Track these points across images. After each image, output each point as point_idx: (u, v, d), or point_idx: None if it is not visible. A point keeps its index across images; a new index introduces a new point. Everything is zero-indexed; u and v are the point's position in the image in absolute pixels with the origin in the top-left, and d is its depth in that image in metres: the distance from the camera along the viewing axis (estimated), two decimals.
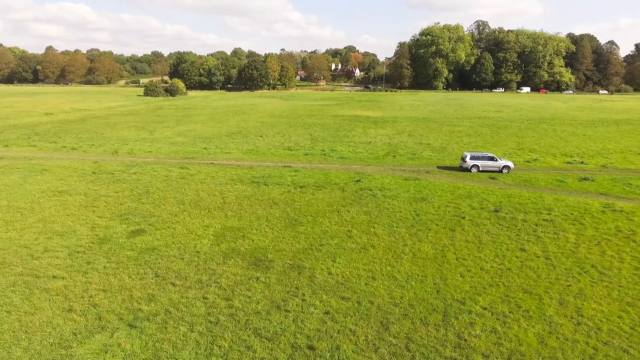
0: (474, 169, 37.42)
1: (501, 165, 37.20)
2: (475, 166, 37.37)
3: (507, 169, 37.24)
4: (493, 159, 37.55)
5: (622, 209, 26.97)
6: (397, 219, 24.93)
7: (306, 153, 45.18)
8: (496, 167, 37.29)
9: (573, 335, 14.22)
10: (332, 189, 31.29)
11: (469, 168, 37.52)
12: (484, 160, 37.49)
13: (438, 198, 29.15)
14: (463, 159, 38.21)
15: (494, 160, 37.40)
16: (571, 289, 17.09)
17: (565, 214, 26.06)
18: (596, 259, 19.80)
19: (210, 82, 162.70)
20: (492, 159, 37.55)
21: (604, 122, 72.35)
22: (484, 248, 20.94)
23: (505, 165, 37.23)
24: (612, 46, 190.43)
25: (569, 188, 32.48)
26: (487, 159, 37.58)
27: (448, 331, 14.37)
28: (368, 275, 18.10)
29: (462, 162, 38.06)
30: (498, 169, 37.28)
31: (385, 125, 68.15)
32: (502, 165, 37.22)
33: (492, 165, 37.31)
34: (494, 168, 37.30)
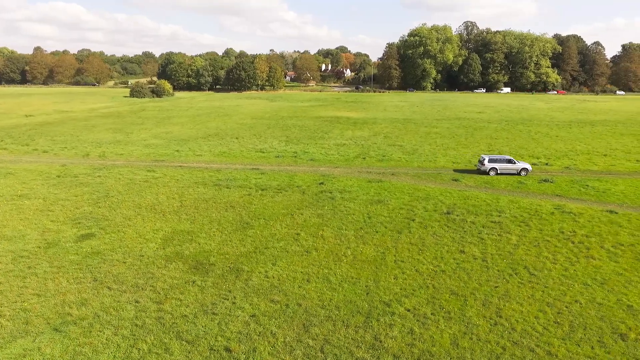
0: (492, 172, 36.90)
1: (519, 168, 36.79)
2: (493, 169, 36.85)
3: (525, 171, 36.95)
4: (511, 161, 37.12)
5: (571, 211, 27.55)
6: (348, 221, 25.33)
7: (278, 155, 45.51)
8: (514, 169, 36.80)
9: (487, 335, 14.67)
10: (293, 191, 31.64)
11: (487, 171, 36.96)
12: (502, 162, 36.98)
13: (395, 200, 29.60)
14: (481, 161, 37.81)
15: (512, 163, 37.01)
16: (498, 290, 17.57)
17: (515, 215, 26.60)
18: (531, 260, 20.31)
19: (199, 83, 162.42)
20: (510, 161, 37.13)
21: (580, 123, 73.31)
22: (426, 250, 21.38)
23: (523, 168, 36.89)
24: (597, 47, 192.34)
25: (527, 190, 33.07)
26: (505, 161, 37.06)
27: (366, 333, 14.77)
28: (303, 278, 18.48)
29: (480, 164, 37.71)
30: (516, 172, 36.85)
31: (364, 126, 68.62)
32: (521, 167, 36.83)
33: (510, 167, 36.84)
34: (512, 171, 36.84)
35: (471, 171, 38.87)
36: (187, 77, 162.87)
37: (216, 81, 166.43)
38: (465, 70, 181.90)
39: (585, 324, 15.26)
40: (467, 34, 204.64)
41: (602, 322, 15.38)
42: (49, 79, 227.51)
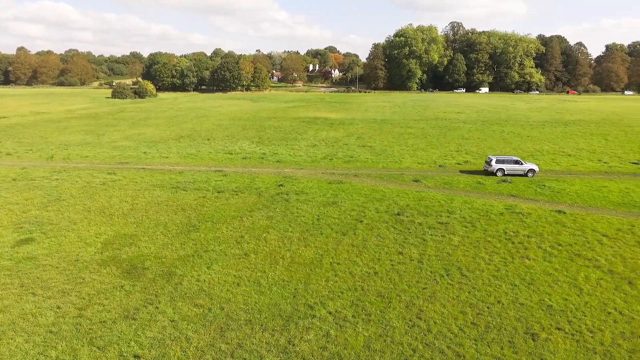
0: (499, 173, 37.02)
1: (526, 169, 36.97)
2: (500, 170, 36.97)
3: (532, 172, 37.08)
4: (518, 162, 37.23)
5: (521, 211, 27.82)
6: (296, 223, 25.33)
7: (245, 157, 45.37)
8: (521, 170, 36.98)
9: (401, 337, 14.74)
10: (250, 193, 31.57)
11: (494, 172, 37.10)
12: (510, 164, 37.12)
13: (349, 202, 29.66)
14: (488, 162, 37.90)
15: (520, 164, 37.13)
16: (425, 292, 17.67)
17: (464, 216, 26.80)
18: (466, 261, 20.47)
19: (183, 84, 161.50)
20: (518, 162, 37.24)
21: (554, 123, 74.12)
22: (365, 252, 21.45)
23: (530, 169, 37.05)
24: (580, 47, 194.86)
25: (484, 190, 33.34)
26: (512, 162, 37.21)
27: (282, 336, 14.76)
28: (234, 282, 18.43)
29: (487, 165, 37.80)
30: (523, 172, 37.00)
31: (340, 127, 68.72)
32: (528, 168, 37.00)
33: (517, 168, 37.00)
34: (519, 171, 37.00)
35: (434, 171, 39.16)
36: (171, 78, 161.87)
37: (201, 82, 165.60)
38: (450, 71, 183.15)
39: (501, 324, 15.41)
40: (453, 34, 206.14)
41: (519, 322, 15.54)
42: (33, 80, 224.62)
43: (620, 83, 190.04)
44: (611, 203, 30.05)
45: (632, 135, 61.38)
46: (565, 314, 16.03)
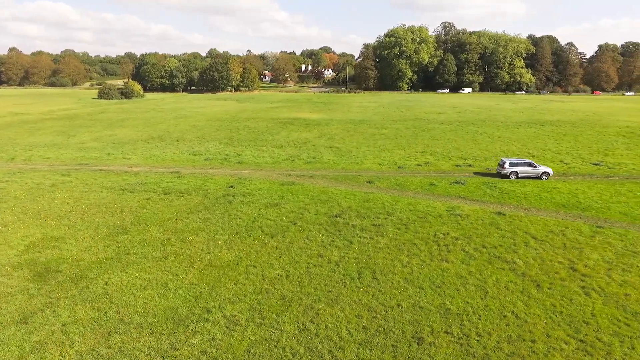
0: (513, 176, 36.69)
1: (540, 172, 36.66)
2: (514, 172, 36.65)
3: (546, 175, 36.73)
4: (532, 165, 36.94)
5: (461, 213, 27.73)
6: (229, 225, 25.26)
7: (207, 158, 45.30)
8: (535, 173, 36.65)
9: (286, 341, 14.67)
10: (197, 195, 31.50)
11: (507, 174, 36.75)
12: (523, 166, 36.82)
13: (292, 203, 29.60)
14: (501, 165, 37.54)
15: (534, 167, 36.82)
16: (329, 295, 17.60)
17: (401, 218, 26.74)
18: (384, 263, 20.41)
19: (172, 84, 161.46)
20: (531, 165, 36.93)
21: (531, 124, 74.05)
22: (286, 255, 21.38)
23: (544, 172, 36.75)
24: (571, 47, 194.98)
25: (435, 191, 33.27)
26: (526, 165, 36.89)
27: (167, 340, 14.69)
28: (142, 285, 18.37)
29: (500, 168, 37.46)
30: (537, 175, 36.64)
31: (315, 128, 68.66)
32: (542, 171, 36.72)
33: (531, 171, 36.68)
34: (533, 174, 36.67)
35: (392, 173, 39.06)
36: (160, 79, 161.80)
37: (191, 82, 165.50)
38: (440, 71, 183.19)
39: (392, 328, 15.35)
40: (445, 34, 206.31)
41: (410, 326, 15.49)
42: (25, 80, 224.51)
43: (610, 83, 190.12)
44: (555, 204, 30.01)
45: (604, 135, 61.38)
46: (460, 318, 15.98)
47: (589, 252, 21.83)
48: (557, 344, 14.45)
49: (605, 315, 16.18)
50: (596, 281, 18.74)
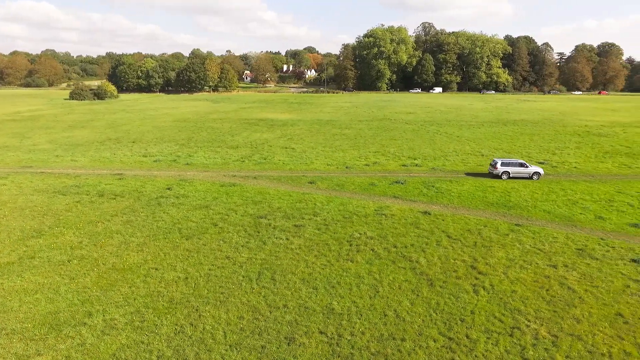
0: (505, 176, 36.95)
1: (532, 172, 37.01)
2: (505, 173, 36.92)
3: (537, 175, 37.09)
4: (524, 165, 37.23)
5: (388, 212, 27.95)
6: (149, 228, 25.05)
7: (157, 160, 44.90)
8: (526, 173, 36.96)
9: (157, 344, 14.59)
10: (130, 197, 31.19)
11: (499, 175, 37.01)
12: (515, 166, 37.10)
13: (223, 204, 29.51)
14: (493, 165, 37.67)
15: (525, 167, 37.13)
16: (220, 297, 17.56)
17: (325, 219, 26.80)
18: (288, 264, 20.46)
19: (149, 85, 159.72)
20: (523, 165, 37.23)
21: (495, 124, 75.01)
22: (194, 256, 21.28)
23: (535, 172, 37.11)
24: (547, 48, 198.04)
25: (372, 191, 33.45)
26: (517, 165, 37.18)
27: (36, 345, 14.48)
28: (33, 290, 18.09)
29: (492, 168, 37.58)
30: (528, 175, 36.97)
31: (278, 129, 68.57)
32: (533, 171, 37.07)
33: (522, 171, 36.98)
34: (525, 174, 36.98)
35: (338, 172, 39.14)
36: (137, 79, 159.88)
37: (168, 83, 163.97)
38: (419, 71, 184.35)
39: (267, 329, 15.38)
40: (425, 34, 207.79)
41: (288, 326, 15.53)
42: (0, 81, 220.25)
43: (585, 83, 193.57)
44: (485, 203, 30.43)
45: (561, 135, 62.47)
46: (341, 318, 16.09)
47: (497, 250, 22.18)
48: (425, 342, 14.64)
49: (484, 312, 16.44)
50: (490, 279, 19.04)
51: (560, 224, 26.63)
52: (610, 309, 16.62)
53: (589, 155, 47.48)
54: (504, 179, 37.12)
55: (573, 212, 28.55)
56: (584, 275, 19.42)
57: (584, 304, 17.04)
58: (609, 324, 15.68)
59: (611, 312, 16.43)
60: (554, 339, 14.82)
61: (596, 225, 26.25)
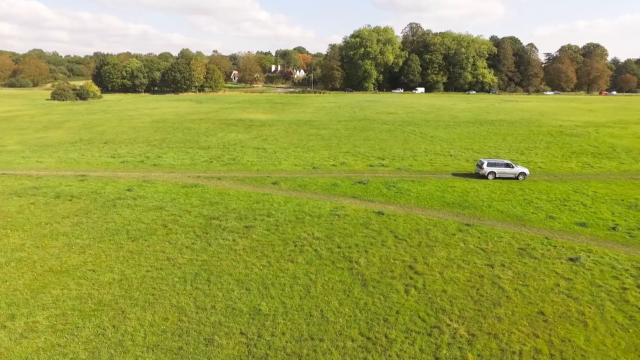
0: (491, 176, 37.24)
1: (517, 172, 37.24)
2: (492, 173, 37.22)
3: (523, 175, 37.37)
4: (509, 165, 37.49)
5: (342, 213, 27.98)
6: (98, 230, 24.89)
7: (124, 161, 44.60)
8: (512, 173, 37.23)
9: (71, 347, 14.53)
10: (86, 199, 30.88)
11: (485, 175, 37.28)
12: (501, 167, 37.33)
13: (180, 206, 29.41)
14: (479, 165, 37.99)
15: (511, 167, 37.38)
16: (149, 298, 17.49)
17: (277, 219, 26.80)
18: (228, 265, 20.43)
19: (134, 85, 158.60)
20: (509, 165, 37.49)
21: (471, 124, 75.58)
22: (136, 258, 21.17)
23: (521, 172, 37.35)
24: (532, 48, 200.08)
25: (333, 191, 33.51)
26: (503, 165, 37.41)
27: None
28: None
29: (479, 169, 37.89)
30: (514, 176, 37.24)
31: (255, 129, 68.46)
32: (519, 172, 37.29)
33: (508, 172, 37.22)
34: (511, 175, 37.24)
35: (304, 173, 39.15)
36: (121, 79, 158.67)
37: (153, 83, 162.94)
38: (405, 71, 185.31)
39: (190, 330, 15.35)
40: (412, 35, 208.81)
41: (211, 327, 15.49)
42: None
43: (569, 83, 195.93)
44: (442, 203, 30.68)
45: (534, 135, 63.15)
46: (265, 318, 16.13)
47: (439, 250, 22.38)
48: (343, 342, 14.75)
49: (410, 312, 16.60)
50: (425, 279, 19.21)
51: (511, 223, 26.97)
52: (534, 308, 16.88)
53: (556, 155, 48.07)
54: (490, 179, 37.46)
55: (525, 212, 28.90)
56: (517, 275, 19.70)
57: (510, 302, 17.28)
58: (529, 323, 15.93)
59: (534, 310, 16.69)
60: (471, 337, 15.02)
61: (545, 225, 26.63)
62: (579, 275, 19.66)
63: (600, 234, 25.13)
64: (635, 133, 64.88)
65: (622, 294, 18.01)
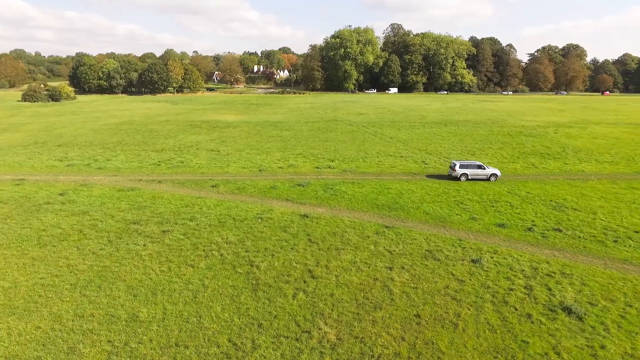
0: (463, 178, 37.60)
1: (489, 173, 37.67)
2: (464, 174, 37.58)
3: (494, 176, 37.76)
4: (481, 167, 37.88)
5: (268, 216, 27.92)
6: (11, 236, 24.39)
7: (70, 164, 43.99)
8: (484, 175, 37.63)
9: None
10: (13, 204, 30.30)
11: (458, 177, 37.67)
12: (473, 168, 37.75)
13: (104, 211, 29.09)
14: (452, 167, 38.21)
15: (482, 169, 37.75)
16: (30, 306, 17.25)
17: (199, 224, 26.62)
18: (124, 271, 20.19)
19: (110, 86, 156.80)
20: (480, 167, 37.86)
21: (438, 124, 76.07)
22: (36, 265, 20.83)
23: (493, 173, 37.75)
24: (510, 49, 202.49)
25: (269, 194, 33.46)
26: (475, 167, 37.83)
27: None
28: None
29: (451, 170, 38.13)
30: (486, 177, 37.65)
31: (218, 130, 68.07)
32: (490, 173, 37.72)
33: (480, 173, 37.62)
34: (483, 176, 37.64)
35: (249, 175, 39.01)
36: (98, 80, 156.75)
37: (130, 84, 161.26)
38: (385, 72, 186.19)
39: (57, 339, 15.20)
40: (393, 35, 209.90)
41: (81, 336, 15.35)
42: None
43: (547, 83, 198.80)
44: (373, 205, 30.76)
45: (493, 135, 63.82)
46: (141, 325, 16.02)
47: (346, 253, 22.45)
48: (207, 349, 14.70)
49: (288, 316, 16.62)
50: (318, 283, 19.26)
51: (433, 224, 27.20)
52: (413, 310, 17.03)
53: (505, 156, 48.63)
54: (463, 180, 37.76)
55: (451, 213, 29.16)
56: (413, 277, 19.86)
57: (392, 305, 17.41)
58: (402, 326, 16.06)
59: (412, 313, 16.83)
60: (337, 342, 15.09)
61: (465, 226, 26.91)
62: (474, 277, 19.90)
63: (515, 235, 25.48)
64: (591, 133, 66.01)
65: (506, 295, 18.27)
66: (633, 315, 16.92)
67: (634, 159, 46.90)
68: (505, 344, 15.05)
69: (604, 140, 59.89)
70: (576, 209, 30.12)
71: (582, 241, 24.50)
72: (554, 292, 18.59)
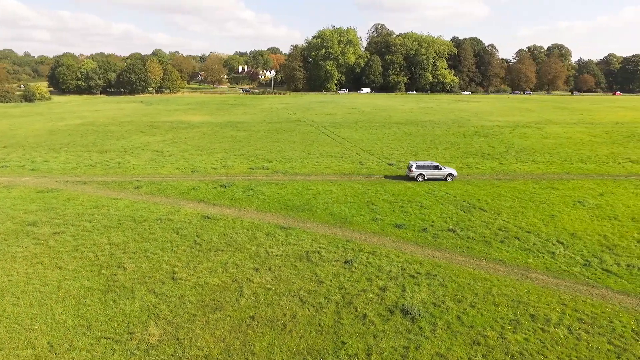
0: (420, 178, 37.70)
1: (445, 174, 37.84)
2: (420, 175, 37.72)
3: (451, 176, 37.99)
4: (438, 167, 38.06)
5: (170, 218, 27.90)
6: None
7: (5, 166, 43.77)
8: (441, 175, 37.87)
9: None
10: None
11: (415, 177, 37.78)
12: (429, 169, 37.89)
13: (11, 212, 28.90)
14: (409, 168, 38.38)
15: (439, 169, 37.93)
16: None
17: (95, 225, 26.52)
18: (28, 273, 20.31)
19: (89, 86, 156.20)
20: (437, 167, 38.05)
21: (399, 124, 76.11)
22: None
23: (449, 173, 37.97)
24: (492, 49, 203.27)
25: (187, 196, 33.33)
26: (432, 167, 37.99)
27: None
28: None
29: (409, 171, 38.34)
30: (443, 177, 37.87)
31: (175, 131, 67.82)
32: (447, 173, 37.90)
33: (436, 173, 37.80)
34: (439, 176, 37.85)
35: (180, 176, 38.93)
36: (76, 80, 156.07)
37: (109, 84, 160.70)
38: (367, 72, 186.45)
39: None
40: (377, 35, 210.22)
41: None
42: None
43: (529, 83, 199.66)
44: (284, 206, 30.68)
45: (447, 136, 64.01)
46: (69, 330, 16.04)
47: (223, 254, 22.39)
48: (22, 351, 14.69)
49: (123, 318, 16.54)
50: (176, 284, 19.20)
51: (332, 225, 27.23)
52: (251, 312, 17.05)
53: (446, 156, 48.78)
54: (419, 181, 37.85)
55: (356, 214, 29.18)
56: (274, 278, 19.90)
57: (234, 307, 17.42)
58: (231, 327, 16.06)
59: (248, 315, 16.86)
60: (157, 344, 15.08)
61: (363, 227, 26.95)
62: (336, 278, 19.96)
63: (406, 236, 25.57)
64: (545, 133, 66.36)
65: (356, 296, 18.32)
66: (470, 315, 17.05)
67: (570, 159, 47.22)
68: (323, 345, 15.12)
69: (553, 140, 60.26)
70: (483, 210, 30.29)
71: (469, 242, 24.66)
72: (406, 293, 18.68)
